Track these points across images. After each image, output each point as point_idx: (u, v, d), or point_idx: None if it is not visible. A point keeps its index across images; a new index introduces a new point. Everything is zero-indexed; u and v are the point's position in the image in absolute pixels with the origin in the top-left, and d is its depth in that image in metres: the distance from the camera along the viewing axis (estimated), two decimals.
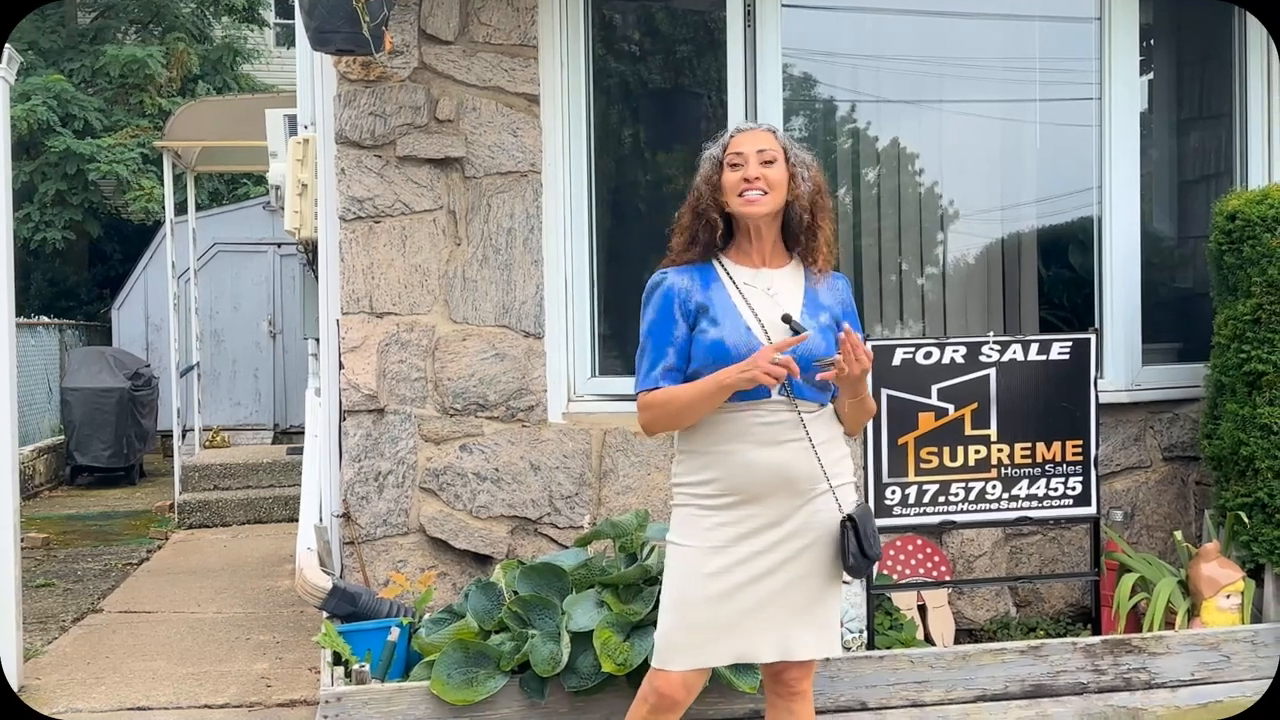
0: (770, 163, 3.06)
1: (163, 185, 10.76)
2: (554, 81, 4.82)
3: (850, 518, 3.02)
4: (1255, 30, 5.28)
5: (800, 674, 3.15)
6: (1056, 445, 4.53)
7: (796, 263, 3.17)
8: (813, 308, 3.09)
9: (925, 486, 4.45)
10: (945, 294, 5.52)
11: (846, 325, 2.99)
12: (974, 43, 5.39)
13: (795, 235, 3.14)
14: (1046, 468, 4.52)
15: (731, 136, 3.13)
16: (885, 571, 4.70)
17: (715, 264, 3.13)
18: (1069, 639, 4.38)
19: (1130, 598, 4.59)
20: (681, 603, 3.07)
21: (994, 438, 4.48)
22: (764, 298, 3.07)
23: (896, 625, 4.54)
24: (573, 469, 4.76)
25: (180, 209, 10.82)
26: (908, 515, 4.44)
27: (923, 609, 4.75)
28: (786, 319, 3.01)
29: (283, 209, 6.29)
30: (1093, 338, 4.55)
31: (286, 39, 17.00)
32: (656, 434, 3.20)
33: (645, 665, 3.53)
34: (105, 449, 11.23)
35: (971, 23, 5.34)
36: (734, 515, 3.03)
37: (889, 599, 4.64)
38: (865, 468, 4.36)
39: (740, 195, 3.05)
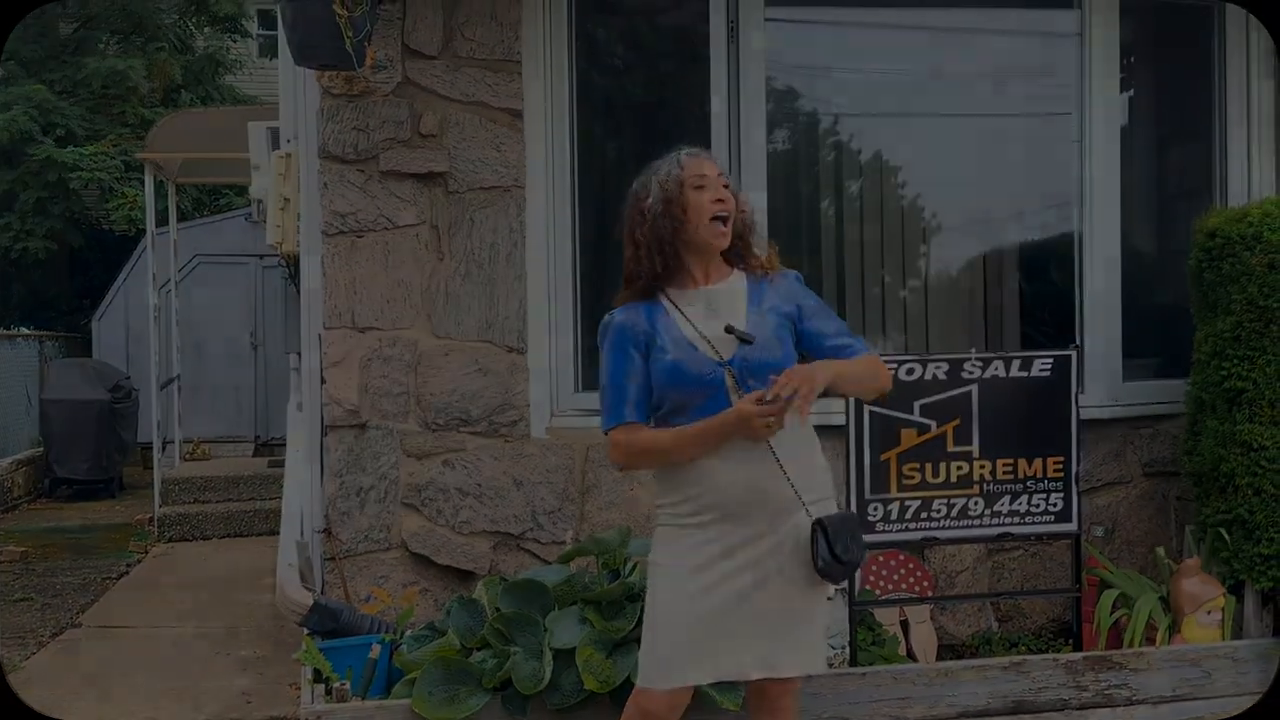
0: (726, 186, 3.14)
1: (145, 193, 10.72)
2: (538, 96, 4.82)
3: (820, 520, 3.01)
4: (1235, 47, 5.31)
5: (781, 690, 3.15)
6: (1038, 461, 4.54)
7: (739, 273, 3.20)
8: (758, 310, 3.13)
9: (908, 502, 4.45)
10: (927, 308, 5.52)
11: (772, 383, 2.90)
12: (956, 57, 5.41)
13: (735, 251, 3.19)
14: (1028, 484, 4.53)
15: (685, 158, 3.13)
16: (868, 587, 4.70)
17: (658, 296, 3.15)
18: (1051, 655, 4.39)
19: (1111, 614, 4.60)
20: (664, 622, 3.07)
21: (976, 454, 4.49)
22: (704, 313, 3.11)
23: (879, 641, 4.54)
24: (555, 484, 4.75)
25: (162, 219, 10.77)
26: (890, 531, 4.44)
27: (905, 625, 4.75)
28: (729, 329, 3.07)
29: (264, 222, 6.27)
30: (1074, 355, 4.56)
31: (269, 50, 16.94)
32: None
33: (628, 683, 3.53)
34: (85, 461, 11.15)
35: (954, 37, 5.36)
36: (712, 533, 3.04)
37: (871, 615, 4.64)
38: (848, 484, 4.36)
39: (712, 220, 3.08)
